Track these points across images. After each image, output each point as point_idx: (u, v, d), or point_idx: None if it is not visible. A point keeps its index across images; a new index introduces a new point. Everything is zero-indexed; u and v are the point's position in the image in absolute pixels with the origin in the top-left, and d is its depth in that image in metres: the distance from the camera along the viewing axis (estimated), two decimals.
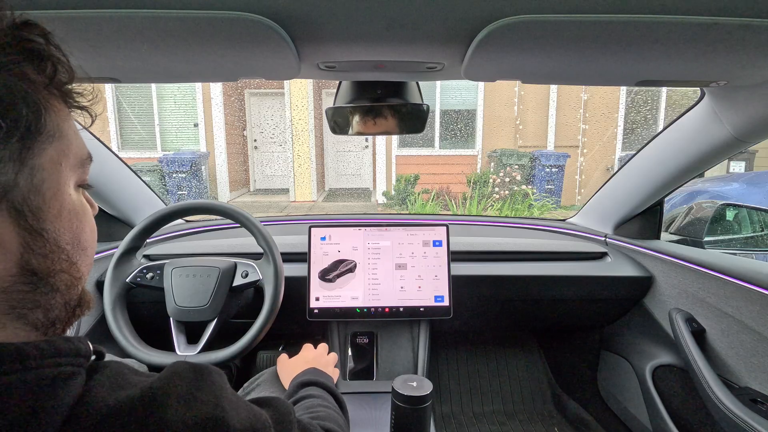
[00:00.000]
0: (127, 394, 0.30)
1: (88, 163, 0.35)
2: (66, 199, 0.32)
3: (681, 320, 1.03)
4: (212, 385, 0.34)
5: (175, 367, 0.34)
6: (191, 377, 0.33)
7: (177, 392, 0.31)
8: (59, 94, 0.32)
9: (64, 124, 0.32)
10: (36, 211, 0.29)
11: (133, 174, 1.22)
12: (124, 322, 0.94)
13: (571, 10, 0.47)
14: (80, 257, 0.33)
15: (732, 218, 1.82)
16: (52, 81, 0.30)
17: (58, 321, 0.32)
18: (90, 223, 0.35)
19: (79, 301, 0.34)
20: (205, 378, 0.34)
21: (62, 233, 0.31)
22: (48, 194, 0.30)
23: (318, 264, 1.11)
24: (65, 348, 0.30)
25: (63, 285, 0.32)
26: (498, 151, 6.93)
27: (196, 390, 0.33)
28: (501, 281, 1.21)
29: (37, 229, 0.29)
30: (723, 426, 0.87)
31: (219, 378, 0.36)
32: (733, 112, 0.82)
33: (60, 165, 0.31)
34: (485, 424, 1.52)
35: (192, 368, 0.35)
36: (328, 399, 0.68)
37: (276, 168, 8.34)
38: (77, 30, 0.50)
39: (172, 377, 0.33)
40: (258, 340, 0.92)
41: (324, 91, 7.98)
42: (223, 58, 0.61)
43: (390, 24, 0.52)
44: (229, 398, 0.34)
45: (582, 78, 0.71)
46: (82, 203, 0.34)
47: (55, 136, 0.30)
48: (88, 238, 0.35)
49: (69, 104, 0.33)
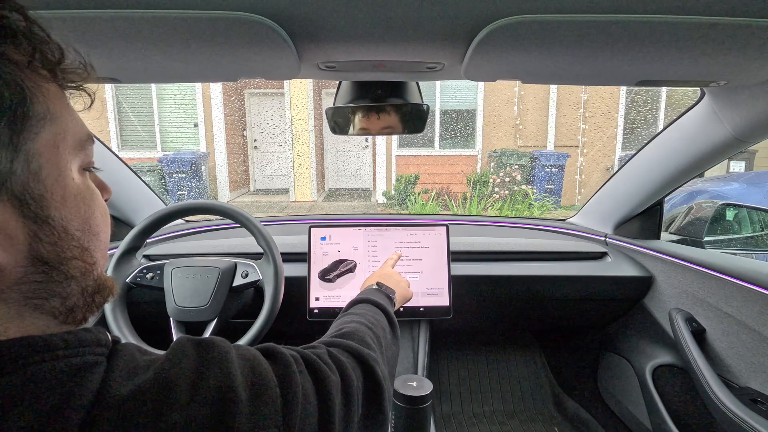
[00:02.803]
0: (142, 378, 0.30)
1: (90, 144, 0.34)
2: (69, 184, 0.31)
3: (681, 320, 1.03)
4: (217, 356, 0.34)
5: (178, 345, 0.35)
6: (195, 353, 0.34)
7: (185, 371, 0.32)
8: (48, 74, 0.30)
9: (55, 105, 0.30)
10: (38, 199, 0.28)
11: (133, 174, 1.22)
12: (124, 322, 0.94)
13: (571, 10, 0.47)
14: (92, 242, 0.33)
15: (732, 218, 1.82)
16: (34, 59, 0.29)
17: (77, 308, 0.32)
18: (100, 207, 0.34)
19: (98, 287, 0.34)
20: (209, 350, 0.35)
21: (70, 219, 0.31)
22: (49, 180, 0.29)
23: (318, 264, 1.11)
24: (88, 338, 0.31)
25: (77, 272, 0.32)
26: (498, 151, 6.93)
27: (203, 365, 0.33)
28: (501, 281, 1.21)
29: (42, 216, 0.29)
30: (723, 426, 0.87)
31: (222, 346, 0.36)
32: (733, 112, 0.82)
33: (57, 149, 0.30)
34: (485, 424, 1.52)
35: (195, 343, 0.35)
36: (366, 316, 0.64)
37: (276, 168, 8.34)
38: (77, 30, 0.50)
39: (178, 356, 0.33)
40: (258, 340, 0.92)
41: (324, 91, 7.98)
42: (223, 58, 0.61)
43: (390, 24, 0.52)
44: (235, 364, 0.35)
45: (582, 78, 0.71)
46: (88, 187, 0.34)
47: (47, 118, 0.29)
48: (99, 223, 0.34)
49: (62, 85, 0.32)
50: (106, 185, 0.37)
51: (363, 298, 0.70)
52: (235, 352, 0.36)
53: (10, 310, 0.28)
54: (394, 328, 0.67)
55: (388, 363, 0.58)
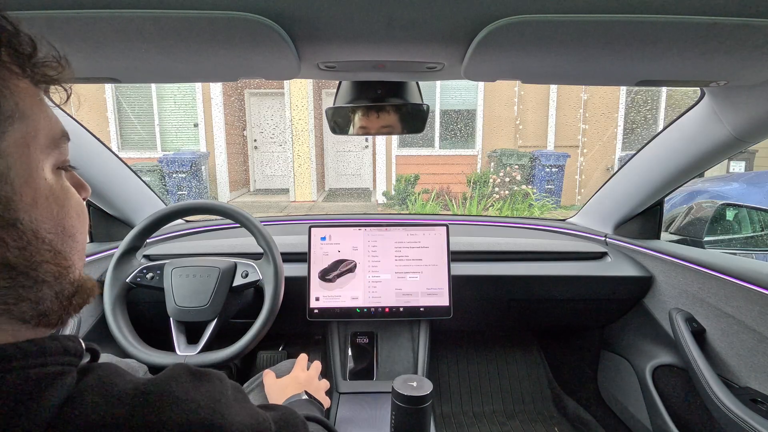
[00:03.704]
0: (119, 397, 0.28)
1: (64, 142, 0.32)
2: (41, 185, 0.29)
3: (681, 320, 1.03)
4: (210, 390, 0.33)
5: (173, 371, 0.33)
6: (188, 381, 0.32)
7: (172, 396, 0.30)
8: (18, 69, 0.28)
9: (26, 103, 0.29)
10: (5, 201, 0.26)
11: (133, 174, 1.22)
12: (124, 322, 0.94)
13: (571, 10, 0.47)
14: (66, 245, 0.31)
15: (732, 218, 1.82)
16: (0, 55, 0.27)
17: (51, 312, 0.30)
18: (76, 207, 0.33)
19: (75, 290, 0.32)
20: (204, 382, 0.33)
21: (41, 222, 0.29)
22: (17, 181, 0.27)
23: (318, 264, 1.11)
24: (51, 347, 0.28)
25: (49, 276, 0.30)
26: (498, 151, 6.93)
27: (192, 394, 0.31)
28: (501, 281, 1.21)
29: (10, 220, 0.27)
30: (723, 426, 0.87)
31: (219, 382, 0.34)
32: (733, 112, 0.82)
33: (28, 148, 0.28)
34: (485, 424, 1.52)
35: (190, 372, 0.33)
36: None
37: (276, 168, 8.34)
38: (77, 30, 0.50)
39: (168, 380, 0.31)
40: (258, 340, 0.92)
41: (324, 91, 7.98)
42: (223, 58, 0.61)
43: (390, 24, 0.52)
44: (229, 403, 0.33)
45: (582, 78, 0.71)
46: (63, 187, 0.32)
47: (15, 117, 0.27)
48: (75, 224, 0.32)
49: (35, 80, 0.30)
50: (84, 183, 0.36)
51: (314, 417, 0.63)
52: (232, 392, 0.34)
53: None
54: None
55: None
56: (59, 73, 0.31)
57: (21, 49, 0.28)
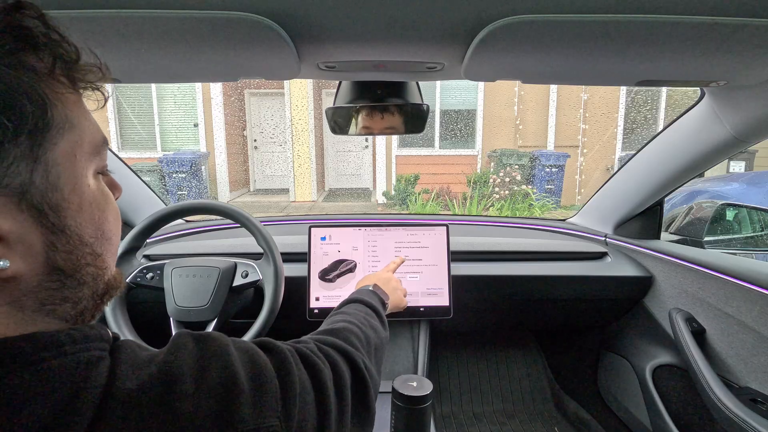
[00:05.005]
0: (147, 372, 0.31)
1: (105, 147, 0.33)
2: (86, 191, 0.31)
3: (681, 320, 1.03)
4: (217, 349, 0.35)
5: (179, 339, 0.35)
6: (195, 347, 0.34)
7: (188, 363, 0.32)
8: (66, 79, 0.30)
9: (73, 112, 0.30)
10: (56, 209, 0.28)
11: (133, 174, 1.22)
12: (124, 322, 0.94)
13: (571, 10, 0.47)
14: (104, 247, 0.33)
15: (732, 218, 1.82)
16: (55, 67, 0.28)
17: (86, 311, 0.33)
18: (113, 211, 0.34)
19: (107, 289, 0.34)
20: (209, 343, 0.35)
21: (85, 227, 0.31)
22: (66, 189, 0.29)
23: (318, 264, 1.11)
24: (92, 334, 0.31)
25: (90, 278, 0.32)
26: (498, 151, 6.93)
27: (204, 357, 0.34)
28: (501, 281, 1.21)
29: (60, 226, 0.29)
30: (723, 426, 0.87)
31: (221, 339, 0.36)
32: (733, 112, 0.82)
33: (75, 157, 0.30)
34: (485, 424, 1.52)
35: (194, 338, 0.36)
36: (357, 316, 0.63)
37: (276, 168, 8.34)
38: (77, 30, 0.50)
39: (179, 350, 0.34)
40: None
41: (324, 91, 7.98)
42: (223, 58, 0.61)
43: (390, 24, 0.52)
44: (235, 356, 0.35)
45: (582, 78, 0.71)
46: (102, 191, 0.33)
47: (65, 127, 0.29)
48: (112, 228, 0.34)
49: (78, 87, 0.31)
50: (117, 183, 0.37)
51: (355, 298, 0.71)
52: (233, 345, 0.37)
53: (24, 316, 0.29)
54: (385, 330, 0.67)
55: (376, 363, 0.58)
56: (99, 78, 0.32)
57: (67, 58, 0.29)
